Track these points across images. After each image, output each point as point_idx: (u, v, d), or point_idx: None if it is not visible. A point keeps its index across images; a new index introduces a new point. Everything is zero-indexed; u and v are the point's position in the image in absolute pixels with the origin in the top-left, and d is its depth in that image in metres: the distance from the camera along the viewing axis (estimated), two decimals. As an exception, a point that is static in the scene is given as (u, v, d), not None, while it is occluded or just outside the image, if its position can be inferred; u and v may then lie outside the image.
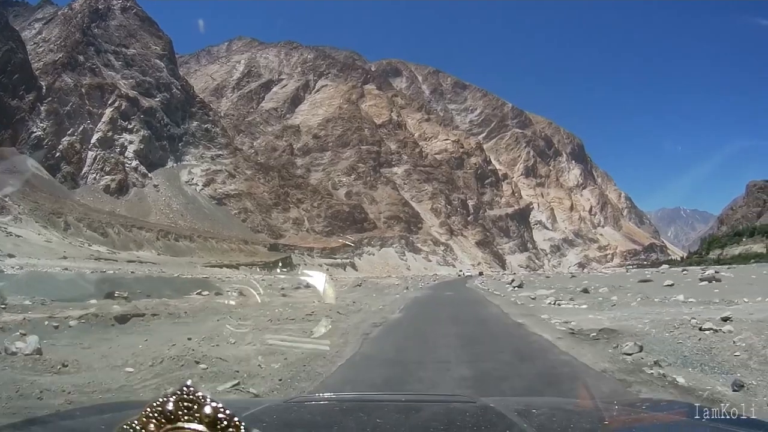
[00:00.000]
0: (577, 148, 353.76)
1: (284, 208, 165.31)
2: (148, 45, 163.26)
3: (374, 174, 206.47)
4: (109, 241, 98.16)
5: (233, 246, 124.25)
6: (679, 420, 2.32)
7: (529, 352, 11.22)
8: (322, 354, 10.85)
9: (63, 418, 2.40)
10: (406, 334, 15.40)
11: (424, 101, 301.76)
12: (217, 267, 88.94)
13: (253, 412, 2.07)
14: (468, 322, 17.91)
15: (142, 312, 16.96)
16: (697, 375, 8.04)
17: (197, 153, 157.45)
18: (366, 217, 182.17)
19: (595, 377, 8.49)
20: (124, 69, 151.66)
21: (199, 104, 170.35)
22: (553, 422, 2.23)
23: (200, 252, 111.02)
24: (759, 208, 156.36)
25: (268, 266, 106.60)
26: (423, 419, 2.22)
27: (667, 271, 56.14)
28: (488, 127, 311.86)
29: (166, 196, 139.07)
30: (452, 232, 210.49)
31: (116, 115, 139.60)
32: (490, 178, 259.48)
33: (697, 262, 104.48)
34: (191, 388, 1.05)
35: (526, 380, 8.39)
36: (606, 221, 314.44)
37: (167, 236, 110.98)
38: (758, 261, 76.80)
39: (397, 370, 9.62)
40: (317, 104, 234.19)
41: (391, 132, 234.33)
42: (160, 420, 1.01)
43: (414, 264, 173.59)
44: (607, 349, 10.74)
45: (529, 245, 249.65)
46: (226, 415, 1.01)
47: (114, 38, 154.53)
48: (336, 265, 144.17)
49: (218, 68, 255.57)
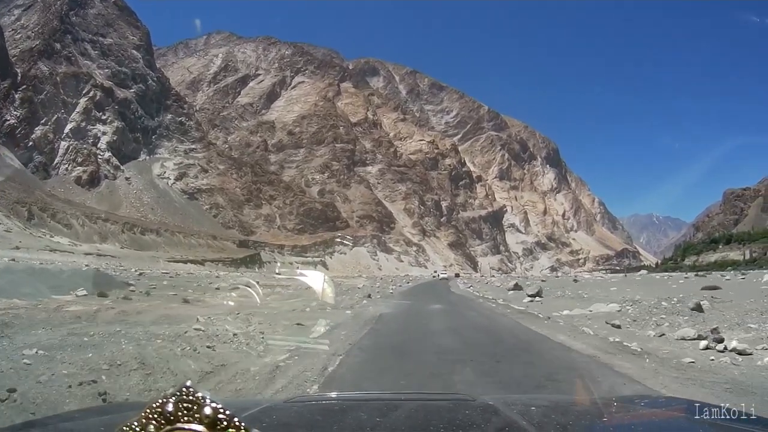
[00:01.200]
0: (551, 152, 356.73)
1: (256, 205, 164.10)
2: (126, 35, 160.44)
3: (348, 172, 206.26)
4: (72, 233, 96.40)
5: (201, 241, 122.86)
6: (677, 417, 2.31)
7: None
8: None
9: (63, 420, 2.36)
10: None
11: (401, 101, 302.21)
12: (181, 262, 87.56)
13: (252, 413, 2.04)
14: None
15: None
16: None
17: (170, 146, 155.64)
18: (338, 216, 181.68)
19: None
20: (101, 58, 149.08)
21: (174, 97, 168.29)
22: (552, 419, 2.18)
23: (167, 246, 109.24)
24: (736, 216, 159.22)
25: (235, 263, 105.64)
26: (423, 418, 2.17)
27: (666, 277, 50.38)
28: (464, 129, 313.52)
29: (137, 189, 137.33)
30: (425, 233, 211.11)
31: (90, 105, 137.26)
32: (465, 180, 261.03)
33: (672, 268, 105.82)
34: (191, 388, 1.04)
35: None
36: (579, 226, 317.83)
37: (133, 229, 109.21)
38: (735, 269, 76.76)
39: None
40: (293, 101, 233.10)
41: (366, 131, 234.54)
42: (159, 421, 1.01)
43: (386, 264, 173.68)
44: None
45: (502, 248, 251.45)
46: (225, 416, 1.00)
47: (92, 27, 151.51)
48: (307, 263, 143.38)
49: (195, 61, 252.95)
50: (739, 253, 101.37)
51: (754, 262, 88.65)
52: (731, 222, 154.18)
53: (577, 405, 2.95)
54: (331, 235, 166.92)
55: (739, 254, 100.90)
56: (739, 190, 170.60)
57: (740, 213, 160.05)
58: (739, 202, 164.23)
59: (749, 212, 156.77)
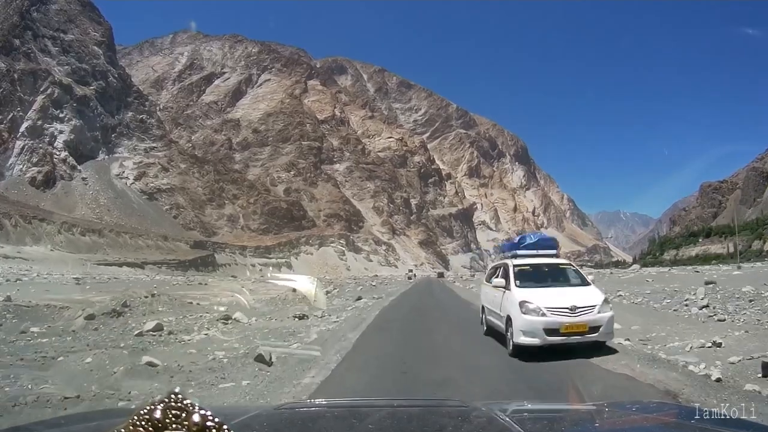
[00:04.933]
0: (520, 149, 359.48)
1: (219, 205, 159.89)
2: (87, 31, 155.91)
3: (315, 170, 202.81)
4: (3, 234, 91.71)
5: (150, 242, 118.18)
6: (669, 422, 2.29)
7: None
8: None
9: (48, 426, 2.32)
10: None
11: (369, 99, 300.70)
12: (116, 265, 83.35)
13: (242, 420, 2.00)
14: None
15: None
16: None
17: (130, 145, 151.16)
18: (305, 215, 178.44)
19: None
20: (61, 55, 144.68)
21: (136, 94, 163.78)
22: (544, 425, 2.22)
23: (109, 248, 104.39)
24: (714, 209, 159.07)
25: (182, 265, 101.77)
26: (415, 424, 2.17)
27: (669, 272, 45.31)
28: (432, 127, 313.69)
29: (93, 190, 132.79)
30: (394, 232, 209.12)
31: (48, 102, 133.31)
32: (434, 178, 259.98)
33: (652, 263, 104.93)
34: (179, 395, 1.02)
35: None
36: (549, 222, 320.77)
37: (71, 230, 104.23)
38: (719, 262, 76.64)
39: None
40: (259, 98, 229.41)
41: (333, 128, 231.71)
42: (147, 428, 0.98)
43: (354, 264, 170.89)
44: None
45: (473, 245, 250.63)
46: (214, 423, 0.99)
47: (53, 23, 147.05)
48: (270, 265, 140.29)
49: (160, 60, 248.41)
50: (722, 246, 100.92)
51: (740, 255, 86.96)
52: (709, 215, 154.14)
53: (570, 411, 2.95)
54: (297, 235, 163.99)
55: (721, 247, 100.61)
56: (716, 183, 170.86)
57: (718, 206, 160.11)
58: (717, 194, 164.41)
59: (728, 205, 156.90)
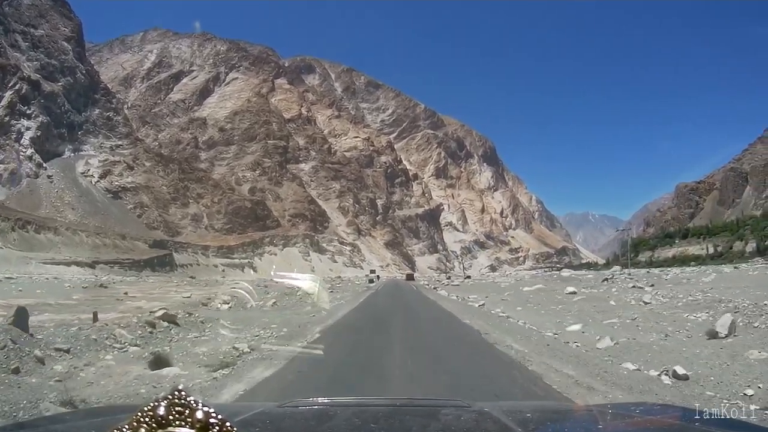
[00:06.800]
0: (488, 150, 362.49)
1: (183, 204, 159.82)
2: (57, 26, 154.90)
3: (280, 170, 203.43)
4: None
5: (107, 241, 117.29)
6: (672, 424, 2.28)
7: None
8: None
9: (53, 422, 2.35)
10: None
11: (336, 98, 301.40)
12: (63, 264, 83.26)
13: (245, 417, 2.03)
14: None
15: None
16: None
17: (96, 143, 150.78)
18: (269, 215, 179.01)
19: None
20: (30, 50, 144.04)
21: (103, 91, 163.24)
22: (547, 427, 2.24)
23: (64, 246, 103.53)
24: (691, 209, 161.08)
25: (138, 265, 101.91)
26: (418, 423, 2.16)
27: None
28: (400, 127, 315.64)
29: (58, 188, 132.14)
30: (360, 232, 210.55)
31: (15, 98, 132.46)
32: (401, 178, 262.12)
33: (625, 264, 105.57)
34: (183, 392, 1.03)
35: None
36: (517, 224, 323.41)
37: (26, 227, 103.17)
38: (699, 264, 75.64)
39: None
40: (226, 97, 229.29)
41: (300, 127, 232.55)
42: (151, 424, 0.99)
43: (319, 265, 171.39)
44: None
45: (440, 247, 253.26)
46: (217, 420, 0.99)
47: (24, 18, 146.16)
48: (233, 265, 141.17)
49: (130, 57, 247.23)
50: (700, 247, 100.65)
51: (720, 257, 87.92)
52: (686, 216, 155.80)
53: (573, 412, 3.01)
54: (261, 235, 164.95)
55: (699, 249, 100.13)
56: (692, 184, 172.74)
57: (695, 207, 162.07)
58: (694, 195, 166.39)
59: (705, 206, 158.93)
